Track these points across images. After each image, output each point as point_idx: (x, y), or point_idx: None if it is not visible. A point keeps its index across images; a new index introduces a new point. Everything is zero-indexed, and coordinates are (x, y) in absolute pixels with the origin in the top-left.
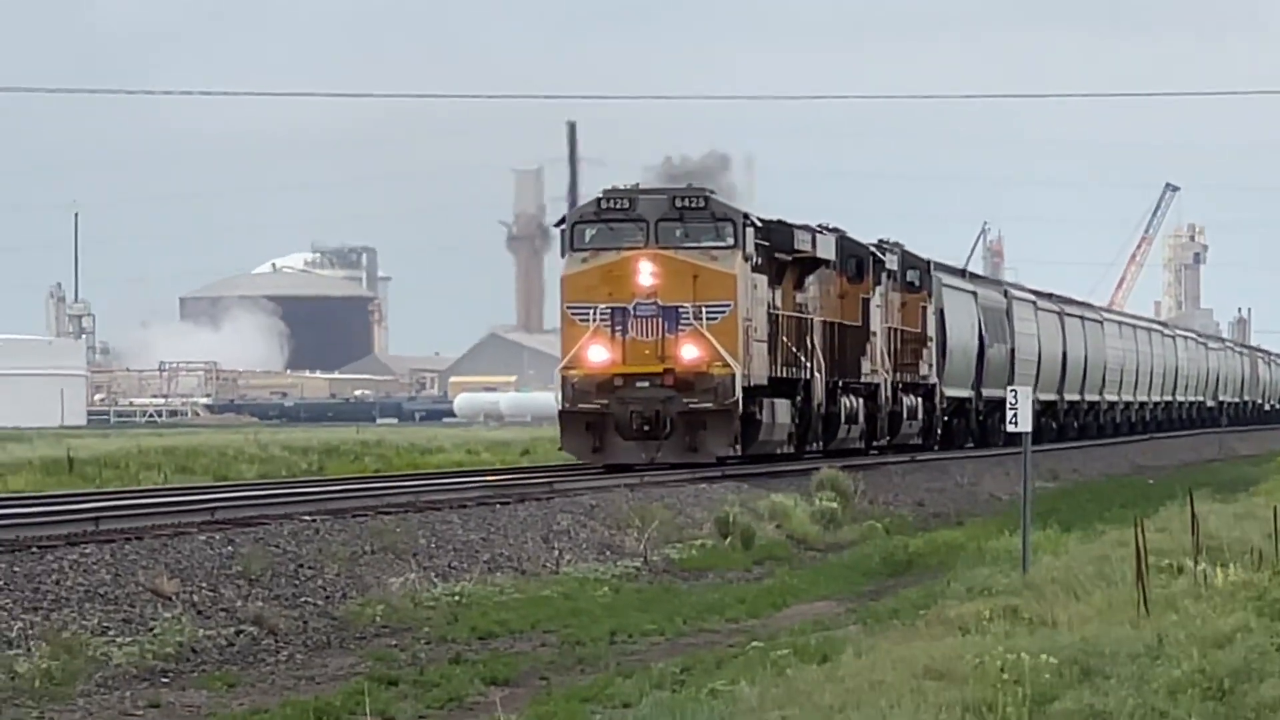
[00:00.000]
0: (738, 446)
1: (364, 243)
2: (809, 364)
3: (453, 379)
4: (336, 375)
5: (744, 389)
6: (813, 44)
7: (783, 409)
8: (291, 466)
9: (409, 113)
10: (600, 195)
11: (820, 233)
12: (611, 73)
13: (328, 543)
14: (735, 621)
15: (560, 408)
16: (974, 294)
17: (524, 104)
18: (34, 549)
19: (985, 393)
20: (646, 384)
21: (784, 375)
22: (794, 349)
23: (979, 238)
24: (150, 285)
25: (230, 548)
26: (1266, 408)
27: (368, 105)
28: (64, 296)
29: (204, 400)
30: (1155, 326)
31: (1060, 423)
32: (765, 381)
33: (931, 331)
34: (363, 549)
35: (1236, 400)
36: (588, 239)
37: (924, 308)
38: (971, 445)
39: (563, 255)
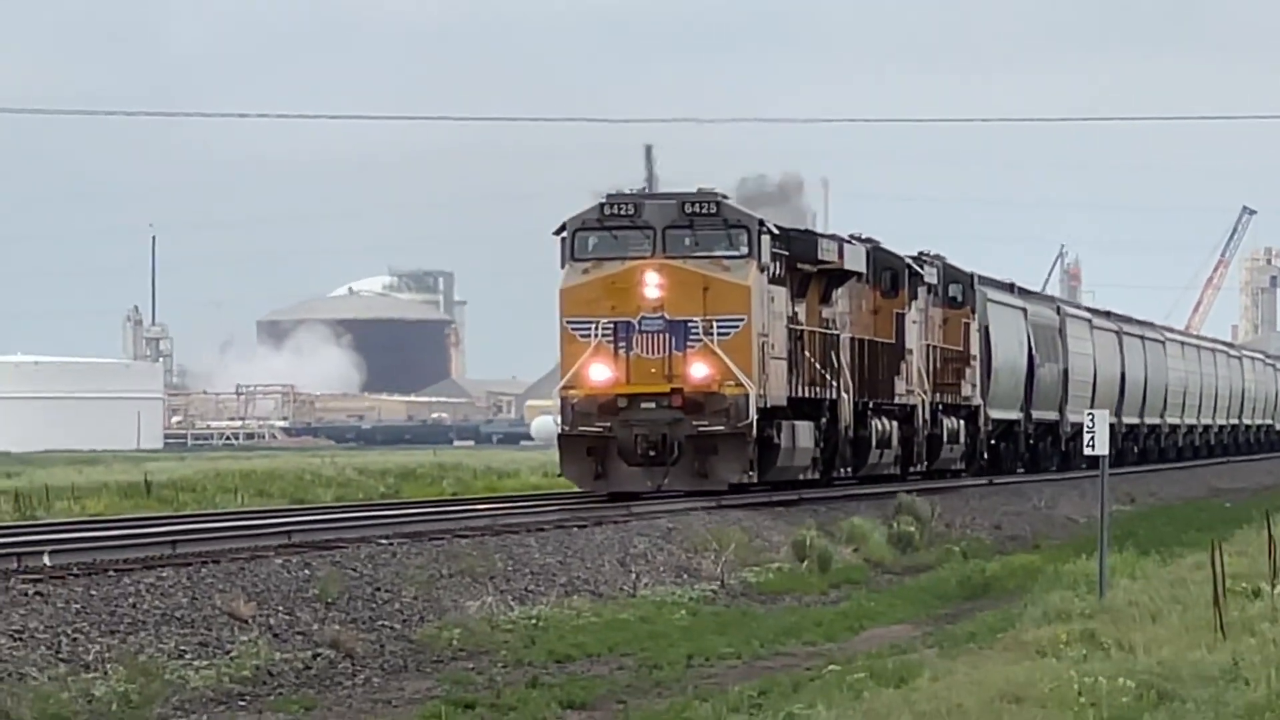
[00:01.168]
0: (753, 473)
1: (441, 266)
2: (835, 383)
3: (529, 402)
4: (413, 398)
5: (760, 410)
6: (889, 68)
7: (805, 432)
8: (368, 490)
9: (486, 136)
10: (603, 200)
11: (849, 242)
12: (687, 96)
13: (405, 566)
14: (812, 645)
15: (559, 431)
16: (1023, 310)
17: (601, 127)
18: (111, 572)
19: (1035, 415)
20: (652, 405)
21: (806, 395)
22: (819, 367)
23: (1056, 261)
24: (227, 309)
25: (307, 571)
26: None
27: (444, 129)
28: (141, 320)
29: (281, 423)
30: (1220, 347)
31: (1118, 447)
32: (784, 402)
33: (975, 350)
34: (440, 572)
35: None
36: (590, 248)
37: (967, 324)
38: (1022, 470)
39: (562, 266)
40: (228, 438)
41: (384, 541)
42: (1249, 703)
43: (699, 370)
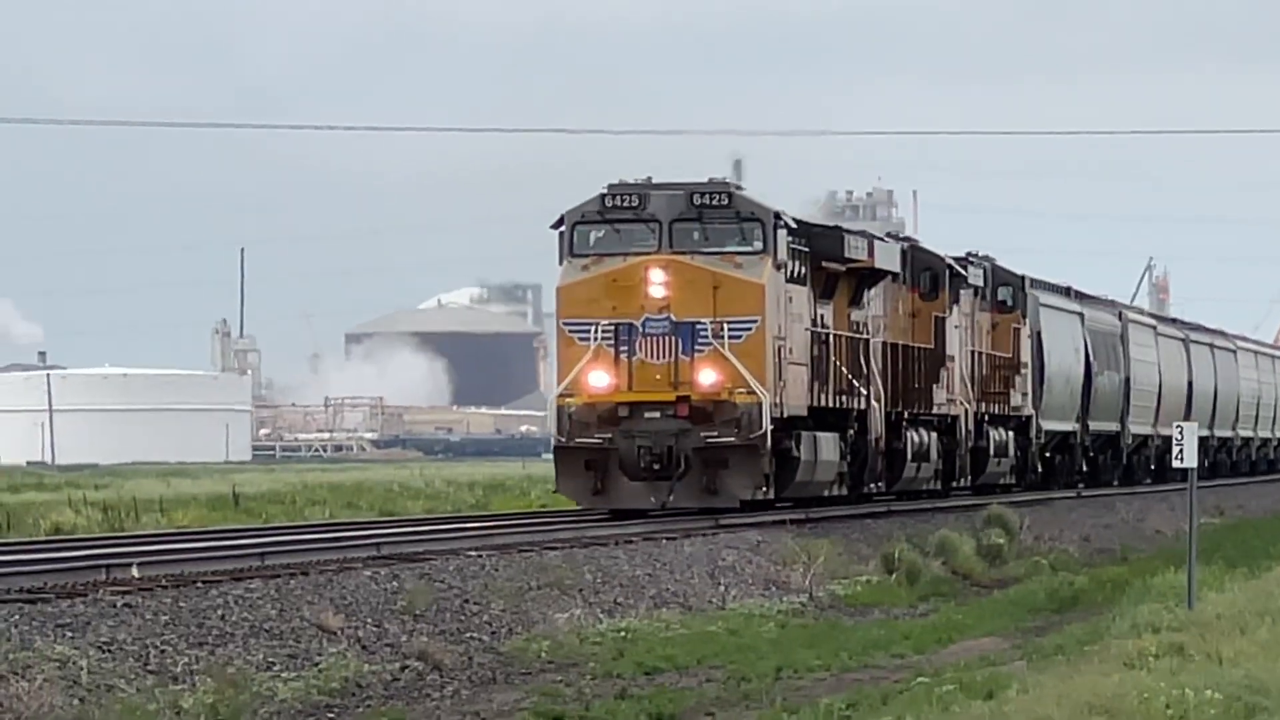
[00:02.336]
0: (768, 489)
1: (529, 279)
2: (865, 392)
3: None
4: (502, 411)
5: (776, 420)
6: (978, 80)
7: (828, 444)
8: (457, 502)
9: (572, 149)
10: (605, 190)
11: (882, 240)
12: (772, 110)
13: (493, 578)
14: (900, 657)
15: (555, 442)
16: (1080, 315)
17: (687, 139)
18: (199, 584)
19: (1093, 426)
20: (657, 414)
21: (831, 405)
22: (846, 374)
23: (1144, 274)
24: (316, 321)
25: (395, 583)
26: None
27: (532, 141)
28: (229, 332)
29: (370, 435)
30: None
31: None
32: (804, 412)
33: (1026, 356)
34: (528, 584)
35: None
36: (590, 242)
37: (1017, 329)
38: (1081, 485)
39: (560, 262)
40: (316, 450)
41: (472, 554)
42: None
43: (708, 376)
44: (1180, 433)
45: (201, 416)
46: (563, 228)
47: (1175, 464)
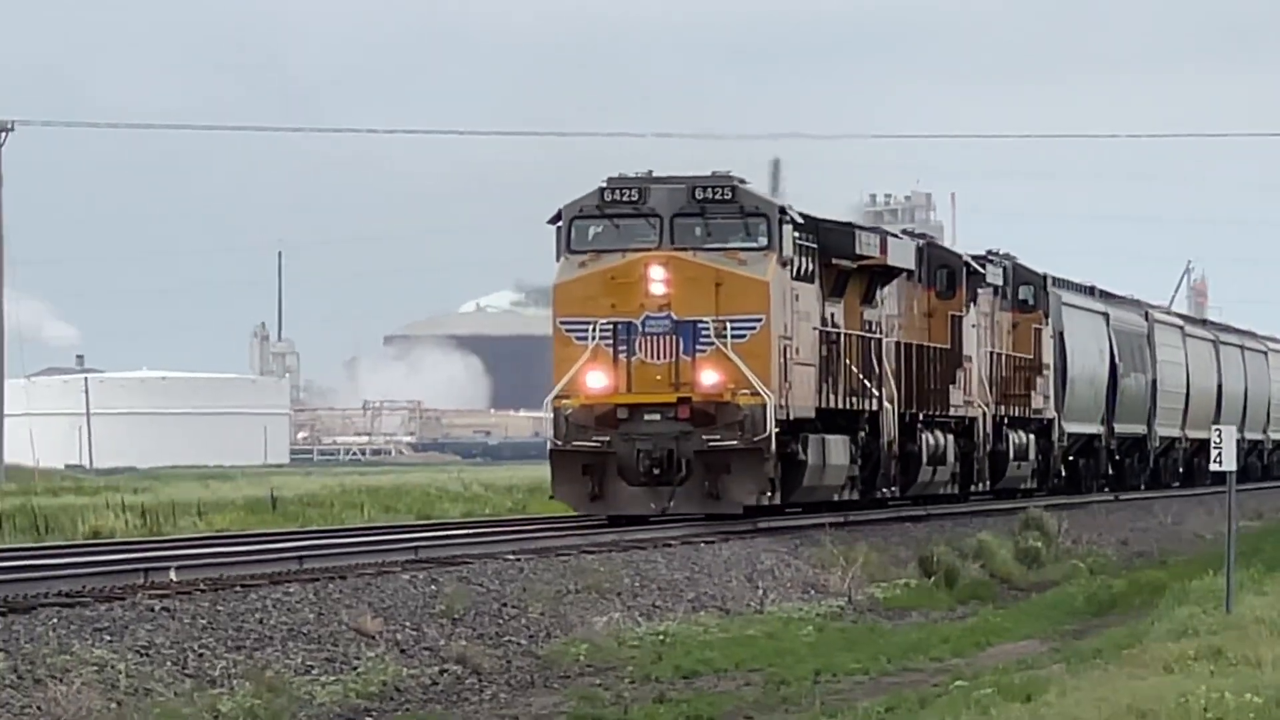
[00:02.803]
0: (774, 494)
1: None
2: (878, 393)
3: None
4: (540, 414)
5: (781, 422)
6: (1014, 82)
7: (837, 447)
8: (495, 505)
9: (610, 150)
10: (603, 184)
11: (896, 236)
12: (810, 112)
13: (532, 581)
14: (939, 660)
15: (550, 445)
16: (1105, 315)
17: (726, 143)
18: (238, 588)
19: (1119, 429)
20: (657, 416)
21: (841, 406)
22: (858, 375)
23: (1183, 277)
24: (354, 325)
25: (434, 587)
26: None
27: (570, 144)
28: (268, 335)
29: (408, 439)
30: None
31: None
32: (812, 414)
33: (1048, 357)
34: (566, 588)
35: None
36: (589, 238)
37: (1038, 329)
38: (1106, 489)
39: (557, 259)
40: (354, 453)
41: (510, 557)
42: None
43: (710, 377)
44: (1219, 435)
45: (240, 419)
46: (560, 223)
47: (1214, 467)
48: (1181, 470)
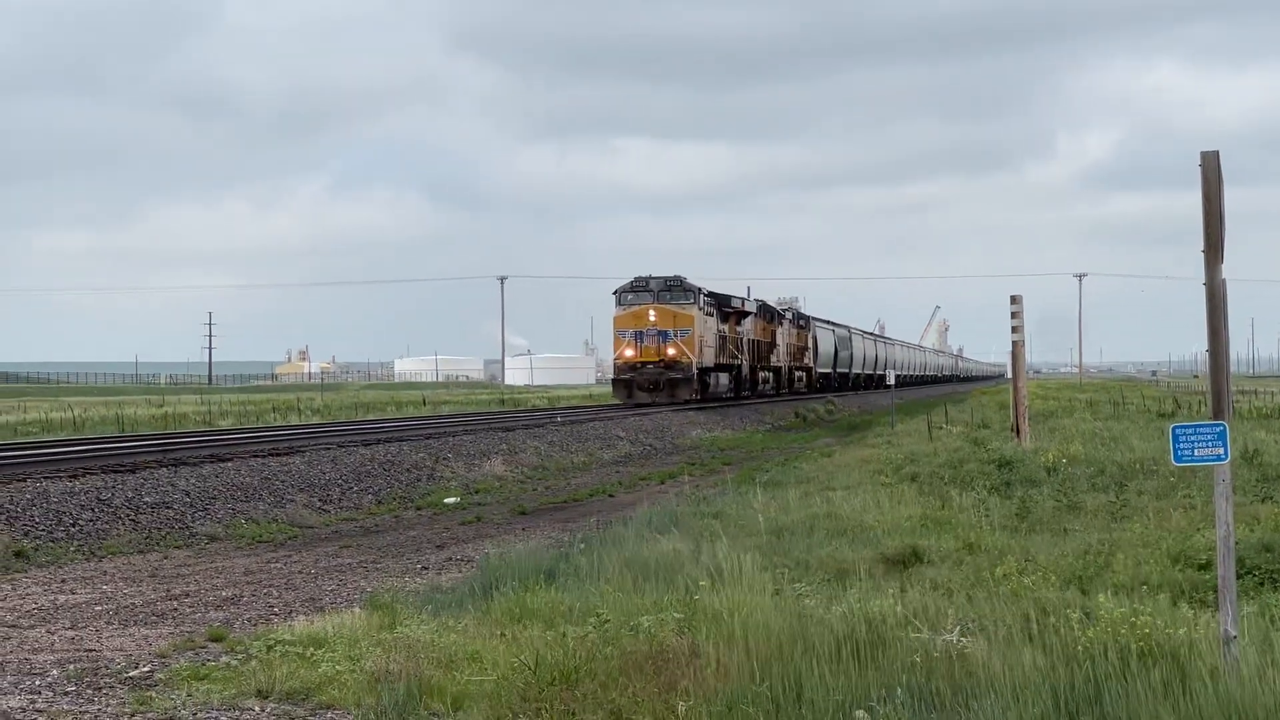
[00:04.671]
0: (699, 396)
1: None
2: (739, 359)
3: None
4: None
5: (699, 369)
6: None
7: (723, 378)
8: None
9: None
10: (633, 278)
11: (747, 299)
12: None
13: (670, 419)
14: (802, 445)
15: (612, 377)
16: (833, 330)
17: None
18: (580, 420)
19: (838, 370)
20: (651, 366)
21: (725, 363)
22: (733, 351)
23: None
24: None
25: (636, 420)
26: None
27: None
28: None
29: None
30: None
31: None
32: (712, 366)
33: (810, 345)
34: (676, 421)
35: None
36: (626, 299)
37: (805, 334)
38: (834, 391)
39: (615, 308)
40: None
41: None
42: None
43: (671, 351)
44: (890, 374)
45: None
46: (614, 294)
47: (889, 383)
48: (862, 386)
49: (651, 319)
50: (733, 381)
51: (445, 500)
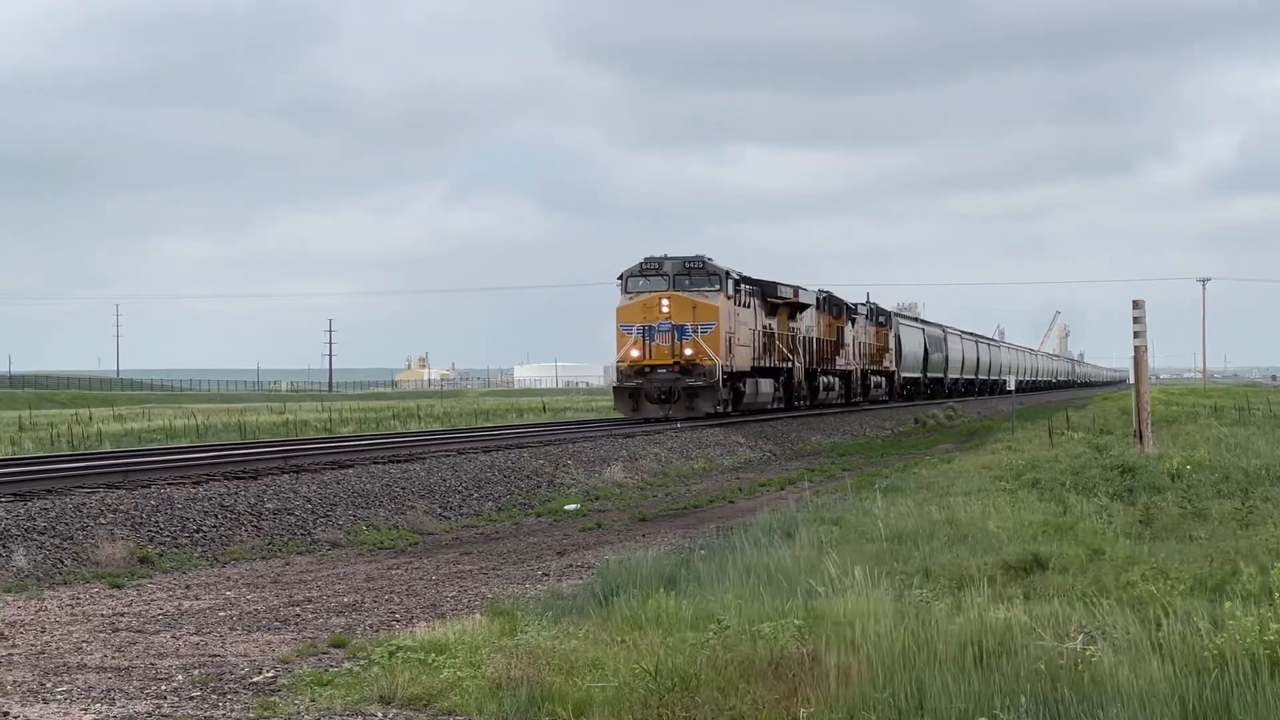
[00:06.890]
0: (727, 408)
1: None
2: (791, 360)
3: None
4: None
5: (726, 373)
6: None
7: (765, 385)
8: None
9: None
10: (642, 260)
11: (805, 290)
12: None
13: (690, 438)
14: (923, 450)
15: (614, 384)
16: (922, 328)
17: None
18: (699, 426)
19: (930, 375)
20: (663, 370)
21: (771, 365)
22: (784, 351)
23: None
24: None
25: (729, 433)
26: None
27: None
28: None
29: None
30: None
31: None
32: (749, 369)
33: (891, 345)
34: (716, 437)
35: None
36: (633, 286)
37: (885, 332)
38: (925, 399)
39: (620, 296)
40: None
41: (681, 427)
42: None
43: (689, 350)
44: (1011, 380)
45: None
46: (619, 279)
47: (1010, 389)
48: (960, 392)
49: (664, 310)
50: (780, 389)
51: (565, 507)
